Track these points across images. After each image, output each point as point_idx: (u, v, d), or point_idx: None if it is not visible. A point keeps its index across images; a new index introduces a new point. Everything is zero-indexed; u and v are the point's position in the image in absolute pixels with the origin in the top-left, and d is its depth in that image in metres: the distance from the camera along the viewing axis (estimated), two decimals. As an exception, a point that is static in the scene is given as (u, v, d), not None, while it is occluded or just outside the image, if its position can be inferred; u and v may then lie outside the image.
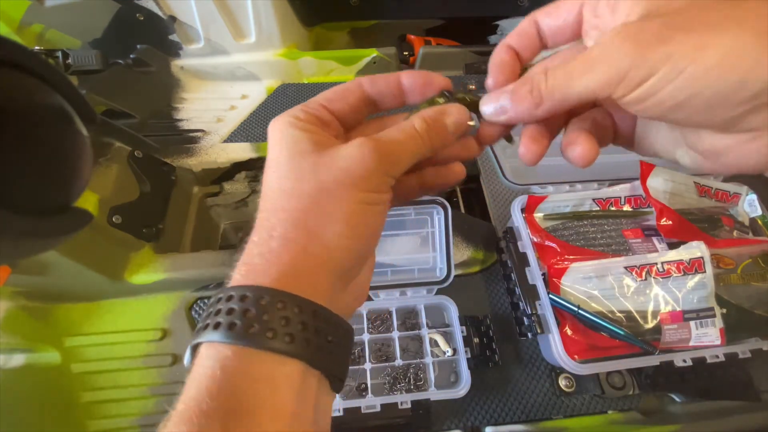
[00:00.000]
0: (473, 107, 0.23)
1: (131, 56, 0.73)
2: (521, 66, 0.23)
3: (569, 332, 0.46)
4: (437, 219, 0.51)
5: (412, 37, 0.89)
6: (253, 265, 0.19)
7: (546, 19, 0.22)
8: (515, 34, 0.23)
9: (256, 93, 0.78)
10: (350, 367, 0.46)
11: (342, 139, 0.23)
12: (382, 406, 0.43)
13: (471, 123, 0.23)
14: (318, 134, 0.21)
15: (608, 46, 0.17)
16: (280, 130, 0.21)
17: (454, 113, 0.22)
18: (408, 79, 0.23)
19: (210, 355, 0.16)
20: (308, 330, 0.17)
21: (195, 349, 0.18)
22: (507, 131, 0.24)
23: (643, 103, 0.17)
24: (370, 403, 0.43)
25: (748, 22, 0.15)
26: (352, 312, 0.23)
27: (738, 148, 0.18)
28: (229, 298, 0.17)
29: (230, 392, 0.15)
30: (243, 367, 0.16)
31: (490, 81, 0.23)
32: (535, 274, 0.48)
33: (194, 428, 0.15)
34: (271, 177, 0.20)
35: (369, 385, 0.45)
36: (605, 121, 0.23)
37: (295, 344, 0.17)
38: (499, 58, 0.23)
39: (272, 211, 0.20)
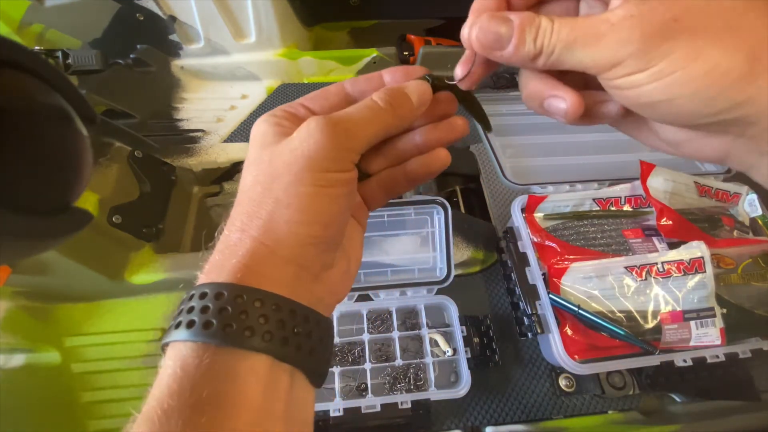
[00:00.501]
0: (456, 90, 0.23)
1: (131, 56, 0.73)
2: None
3: (569, 332, 0.46)
4: (437, 219, 0.51)
5: (412, 37, 0.89)
6: (213, 261, 0.19)
7: None
8: None
9: (256, 93, 0.78)
10: (350, 367, 0.46)
11: None
12: (382, 406, 0.43)
13: (445, 87, 0.23)
14: (287, 127, 0.20)
15: (617, 27, 0.16)
16: (255, 128, 0.21)
17: (413, 84, 0.22)
18: (389, 75, 0.23)
19: (171, 355, 0.16)
20: (270, 322, 0.17)
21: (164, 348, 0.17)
22: (488, 73, 0.22)
23: (624, 91, 0.17)
24: (370, 403, 0.43)
25: (745, 39, 0.15)
26: (330, 305, 0.22)
27: (696, 141, 0.19)
28: (191, 297, 0.17)
29: (191, 389, 0.15)
30: (204, 364, 0.16)
31: (464, 29, 0.20)
32: (535, 274, 0.48)
33: (155, 427, 0.15)
34: (243, 174, 0.21)
35: (369, 385, 0.45)
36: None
37: (255, 337, 0.16)
38: (481, 3, 0.20)
39: (235, 205, 0.20)
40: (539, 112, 0.21)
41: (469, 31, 0.19)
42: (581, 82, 0.21)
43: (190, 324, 0.16)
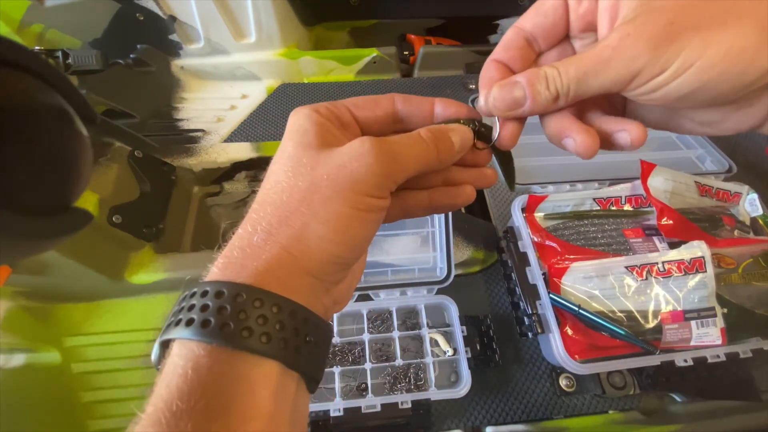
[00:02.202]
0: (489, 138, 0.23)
1: (131, 56, 0.73)
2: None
3: (570, 332, 0.46)
4: (437, 219, 0.51)
5: (413, 36, 0.89)
6: (232, 258, 0.18)
7: (532, 20, 0.22)
8: (501, 47, 0.22)
9: (256, 93, 0.78)
10: (350, 367, 0.46)
11: None
12: (383, 405, 0.43)
13: (483, 147, 0.23)
14: (330, 131, 0.20)
15: (620, 46, 0.18)
16: (294, 120, 0.20)
17: (459, 130, 0.22)
18: (441, 106, 0.23)
19: (182, 354, 0.16)
20: (286, 329, 0.17)
21: (165, 346, 0.17)
22: (520, 129, 0.23)
23: (651, 94, 0.18)
24: (371, 402, 0.43)
25: (747, 17, 0.16)
26: (332, 315, 0.23)
27: (733, 115, 0.20)
28: (204, 294, 0.17)
29: (202, 393, 0.15)
30: (217, 367, 0.15)
31: (481, 100, 0.22)
32: (535, 273, 0.48)
33: (162, 430, 0.14)
34: (273, 168, 0.20)
35: (369, 385, 0.45)
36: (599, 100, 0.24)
37: (271, 344, 0.16)
38: (487, 76, 0.22)
39: (262, 203, 0.19)
40: (562, 148, 0.22)
41: (485, 103, 0.21)
42: (606, 104, 0.23)
43: (204, 323, 0.16)
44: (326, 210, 0.18)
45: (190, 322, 0.16)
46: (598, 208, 0.54)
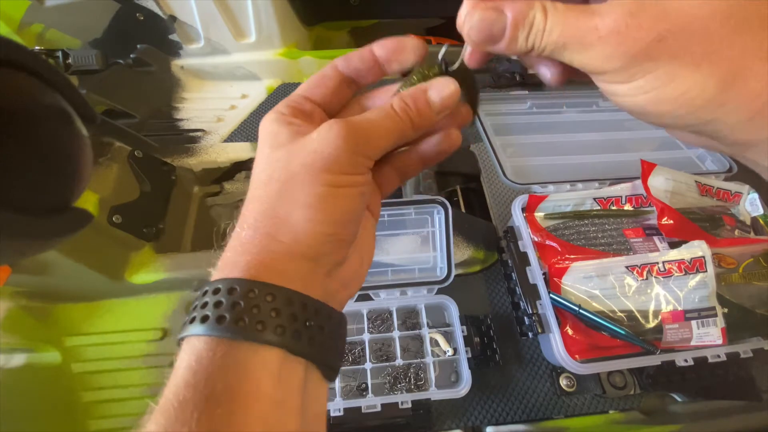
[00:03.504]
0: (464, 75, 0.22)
1: (131, 56, 0.73)
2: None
3: (570, 332, 0.46)
4: (438, 218, 0.51)
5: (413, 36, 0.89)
6: (225, 258, 0.19)
7: None
8: None
9: (256, 92, 0.78)
10: (351, 367, 0.46)
11: None
12: (383, 405, 0.43)
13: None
14: (299, 126, 0.21)
15: (604, 40, 0.17)
16: (264, 126, 0.21)
17: (436, 86, 0.21)
18: (380, 49, 0.22)
19: (187, 349, 0.17)
20: (281, 316, 0.17)
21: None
22: (490, 56, 0.22)
23: (608, 93, 0.19)
24: (371, 402, 0.43)
25: (719, 67, 0.16)
26: (342, 299, 0.23)
27: (683, 135, 0.21)
28: (204, 293, 0.18)
29: (206, 382, 0.16)
30: (218, 358, 0.16)
31: (461, 16, 0.19)
32: (535, 273, 0.48)
33: (171, 418, 0.15)
34: (254, 172, 0.21)
35: (369, 385, 0.45)
36: None
37: (267, 332, 0.17)
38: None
39: (247, 203, 0.20)
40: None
41: (463, 23, 0.19)
42: None
43: (204, 319, 0.17)
44: (306, 194, 0.19)
45: (192, 320, 0.17)
46: (599, 207, 0.54)
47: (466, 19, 0.19)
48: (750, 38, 0.15)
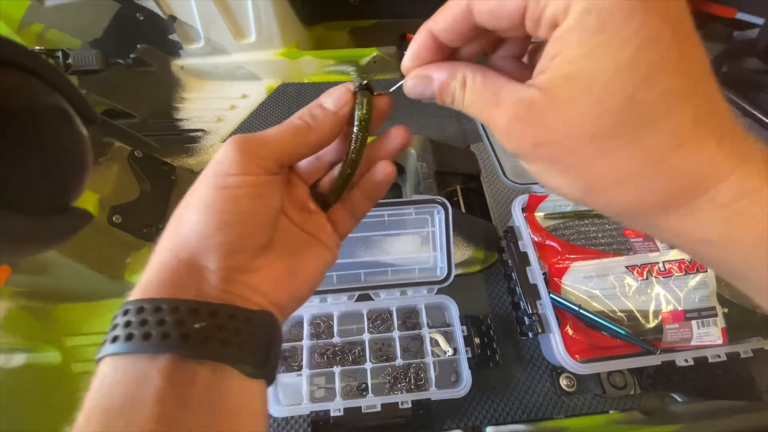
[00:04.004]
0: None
1: (131, 56, 0.73)
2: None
3: (570, 332, 0.46)
4: (438, 218, 0.51)
5: (413, 36, 0.89)
6: (139, 282, 0.21)
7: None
8: (442, 22, 0.21)
9: (256, 92, 0.78)
10: (351, 367, 0.46)
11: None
12: (383, 405, 0.43)
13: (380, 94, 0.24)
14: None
15: (498, 132, 0.19)
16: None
17: (330, 91, 0.23)
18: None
19: (99, 370, 0.19)
20: (166, 324, 0.18)
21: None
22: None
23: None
24: (371, 402, 0.43)
25: (586, 177, 0.17)
26: (259, 303, 0.21)
27: None
28: (124, 313, 0.19)
29: (109, 395, 0.18)
30: (118, 373, 0.18)
31: (403, 68, 0.22)
32: (536, 273, 0.48)
33: (79, 428, 0.17)
34: None
35: (369, 385, 0.45)
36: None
37: (152, 340, 0.18)
38: (416, 49, 0.22)
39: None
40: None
41: (404, 84, 0.22)
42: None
43: (114, 340, 0.19)
44: (194, 199, 0.20)
45: (103, 343, 0.19)
46: (599, 207, 0.54)
47: (404, 81, 0.22)
48: (611, 162, 0.16)
